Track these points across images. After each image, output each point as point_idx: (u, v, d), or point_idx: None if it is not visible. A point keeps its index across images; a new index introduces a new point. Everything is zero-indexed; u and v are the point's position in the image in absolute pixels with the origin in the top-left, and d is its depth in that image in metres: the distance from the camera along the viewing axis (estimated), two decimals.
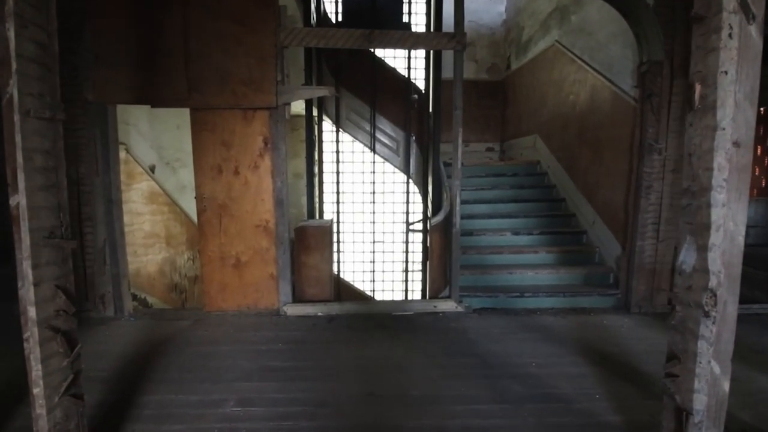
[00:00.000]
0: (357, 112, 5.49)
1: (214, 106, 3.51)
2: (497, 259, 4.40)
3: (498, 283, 4.15)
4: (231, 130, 3.57)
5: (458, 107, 3.59)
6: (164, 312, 4.08)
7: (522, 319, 3.66)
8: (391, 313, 3.72)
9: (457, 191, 3.61)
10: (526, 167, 5.83)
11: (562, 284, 4.17)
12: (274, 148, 3.59)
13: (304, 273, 3.80)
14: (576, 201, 4.91)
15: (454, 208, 3.65)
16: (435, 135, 4.21)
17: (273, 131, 3.57)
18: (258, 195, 3.64)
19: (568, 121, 5.13)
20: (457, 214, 3.64)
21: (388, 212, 7.91)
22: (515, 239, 4.65)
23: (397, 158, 5.69)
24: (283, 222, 3.65)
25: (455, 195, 3.61)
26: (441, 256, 3.78)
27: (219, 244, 3.68)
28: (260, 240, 3.69)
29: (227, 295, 3.75)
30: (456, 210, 3.63)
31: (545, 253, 4.43)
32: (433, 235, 3.73)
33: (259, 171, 3.62)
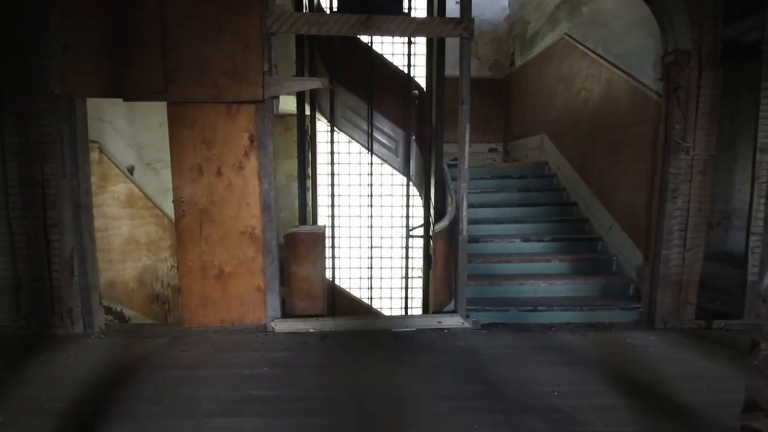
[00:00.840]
0: (353, 109, 5.14)
1: (193, 99, 3.15)
2: (506, 268, 4.04)
3: (508, 295, 3.79)
4: (213, 127, 3.21)
5: (465, 101, 3.24)
6: (140, 328, 3.70)
7: (537, 337, 3.29)
8: (391, 329, 3.36)
9: (464, 194, 3.25)
10: (533, 169, 5.48)
11: (578, 296, 3.81)
12: (261, 146, 3.22)
13: (294, 285, 3.43)
14: (590, 205, 4.56)
15: (460, 213, 3.29)
16: (437, 134, 3.85)
17: (259, 127, 3.21)
18: (243, 198, 3.28)
19: (580, 119, 4.79)
20: (463, 219, 3.28)
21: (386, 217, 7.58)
22: (525, 246, 4.29)
23: (397, 159, 5.34)
24: (271, 228, 3.29)
25: (462, 198, 3.26)
26: (445, 266, 3.43)
27: (200, 253, 3.31)
28: (245, 248, 3.32)
29: (209, 309, 3.38)
30: (463, 215, 3.27)
31: (558, 262, 4.07)
32: (437, 243, 3.38)
33: (244, 172, 3.26)
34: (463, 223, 3.28)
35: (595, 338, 3.30)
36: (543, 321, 3.59)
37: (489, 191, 4.99)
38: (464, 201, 3.25)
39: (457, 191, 3.40)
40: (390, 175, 7.49)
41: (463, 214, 3.27)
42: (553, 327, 3.50)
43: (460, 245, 3.31)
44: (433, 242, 3.42)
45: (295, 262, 3.41)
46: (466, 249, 3.33)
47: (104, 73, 3.12)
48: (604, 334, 3.40)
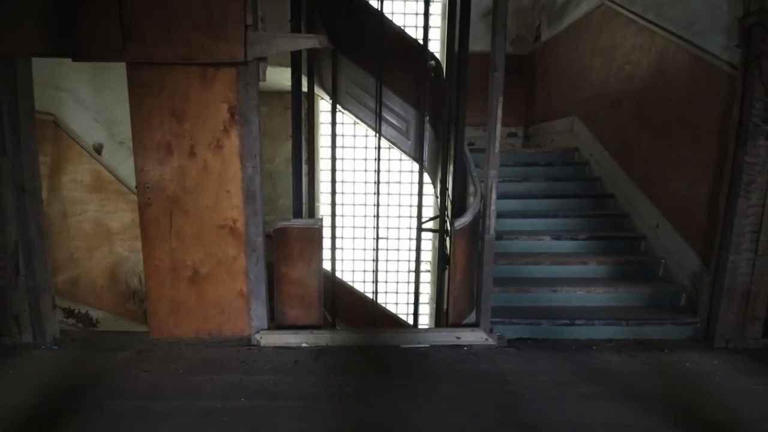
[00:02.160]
0: (359, 84, 4.51)
1: (158, 59, 2.53)
2: (535, 271, 3.44)
3: (538, 304, 3.20)
4: (183, 95, 2.60)
5: (498, 67, 2.60)
6: (102, 337, 3.16)
7: (577, 359, 2.71)
8: (400, 345, 2.79)
9: (494, 184, 2.64)
10: (561, 155, 4.83)
11: (621, 307, 3.22)
12: (244, 120, 2.61)
13: (284, 290, 2.86)
14: (631, 198, 3.93)
15: (487, 207, 2.68)
16: (458, 112, 3.22)
17: (242, 97, 2.59)
18: (222, 185, 2.68)
19: (622, 98, 4.12)
20: (491, 214, 2.67)
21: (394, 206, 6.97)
22: (556, 245, 3.68)
23: (407, 142, 4.72)
24: (256, 222, 2.70)
25: (490, 189, 2.64)
26: (466, 270, 2.84)
27: (169, 250, 2.73)
28: (225, 245, 2.74)
29: (181, 317, 2.82)
30: (490, 209, 2.66)
31: (596, 264, 3.47)
32: (457, 242, 2.78)
33: (222, 152, 2.65)
34: (490, 219, 2.67)
35: (646, 361, 2.72)
36: (581, 336, 3.00)
37: (512, 180, 4.36)
38: (493, 192, 2.64)
39: (483, 180, 2.78)
40: (399, 160, 6.86)
41: (491, 209, 2.66)
42: (593, 345, 2.91)
43: (485, 246, 2.72)
44: (451, 241, 2.82)
45: (286, 263, 2.83)
46: (493, 250, 2.73)
47: (49, 26, 2.50)
48: (656, 355, 2.81)
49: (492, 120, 2.60)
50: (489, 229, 2.67)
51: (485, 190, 2.72)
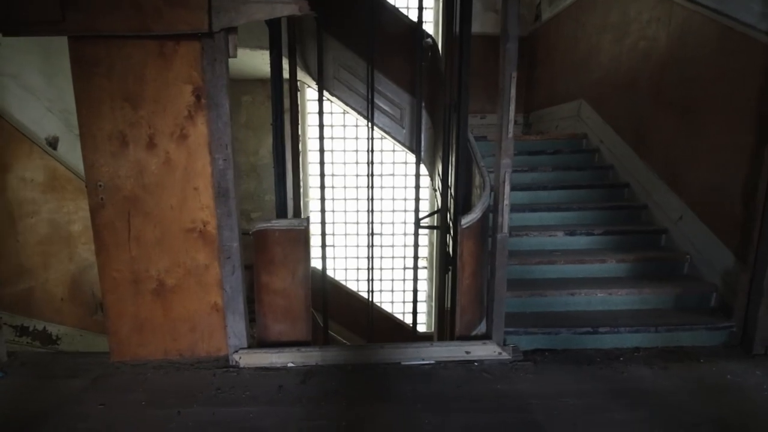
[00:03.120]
0: (348, 68, 4.10)
1: (105, 31, 2.10)
2: (549, 271, 3.08)
3: (554, 309, 2.86)
4: (138, 75, 2.17)
5: (511, 38, 2.22)
6: (56, 360, 2.74)
7: (604, 374, 2.37)
8: (400, 362, 2.42)
9: (507, 175, 2.26)
10: (568, 142, 4.47)
11: (646, 310, 2.88)
12: (212, 104, 2.20)
13: (266, 301, 2.47)
14: (648, 186, 3.58)
15: (500, 202, 2.30)
16: (461, 94, 2.83)
17: (208, 76, 2.17)
18: (188, 181, 2.27)
19: (637, 78, 3.75)
20: (504, 210, 2.30)
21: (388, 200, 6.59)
22: (570, 241, 3.33)
23: (402, 131, 4.34)
24: (230, 224, 2.30)
25: (503, 181, 2.26)
26: (475, 274, 2.47)
27: (129, 260, 2.32)
28: (194, 252, 2.34)
29: (146, 336, 2.42)
30: (504, 205, 2.29)
31: (616, 263, 3.12)
32: (464, 242, 2.41)
33: (188, 143, 2.24)
34: (503, 215, 2.30)
35: (682, 375, 2.38)
36: (604, 346, 2.66)
37: (518, 170, 3.98)
38: (506, 184, 2.26)
39: (493, 171, 2.40)
40: (392, 151, 6.46)
41: (504, 203, 2.28)
42: (620, 356, 2.57)
43: (498, 246, 2.34)
44: (457, 240, 2.44)
45: (267, 270, 2.43)
46: (506, 251, 2.37)
47: None
48: (691, 366, 2.48)
49: (504, 100, 2.21)
50: (502, 226, 2.30)
51: (496, 182, 2.34)
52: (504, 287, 2.40)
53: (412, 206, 6.40)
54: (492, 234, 2.39)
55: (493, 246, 2.39)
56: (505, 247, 2.34)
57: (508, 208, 2.29)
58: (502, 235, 2.32)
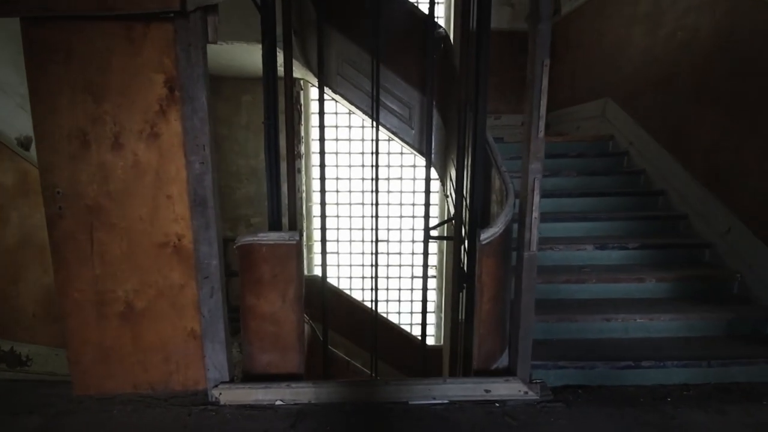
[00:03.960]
0: (353, 63, 3.78)
1: (63, 12, 1.78)
2: (579, 291, 2.70)
3: (587, 336, 2.47)
4: (102, 64, 1.85)
5: (543, 18, 1.85)
6: (13, 389, 2.42)
7: (650, 419, 1.98)
8: (408, 401, 2.06)
9: (537, 182, 1.89)
10: (593, 145, 4.08)
11: (693, 338, 2.48)
12: (187, 98, 1.86)
13: (252, 327, 2.13)
14: (688, 194, 3.19)
15: (527, 214, 1.93)
16: (478, 92, 2.47)
17: (183, 65, 1.84)
18: (160, 188, 1.94)
19: (674, 73, 3.36)
20: (533, 224, 1.93)
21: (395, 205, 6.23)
22: (601, 256, 2.94)
23: (411, 131, 4.00)
24: (209, 237, 1.96)
25: (532, 189, 1.89)
26: (496, 298, 2.10)
27: (92, 278, 2.00)
28: (168, 270, 2.01)
29: (113, 366, 2.09)
30: (532, 218, 1.92)
31: (655, 282, 2.73)
32: (484, 261, 2.05)
33: (159, 143, 1.91)
34: (531, 230, 1.93)
35: (743, 419, 1.98)
36: (647, 382, 2.27)
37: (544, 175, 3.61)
38: (536, 193, 1.89)
39: (523, 177, 2.03)
40: (399, 153, 6.10)
41: (532, 216, 1.91)
42: (667, 395, 2.18)
43: (525, 266, 1.97)
44: (476, 259, 2.08)
45: (254, 292, 2.09)
46: (535, 272, 1.99)
47: None
48: (753, 410, 2.07)
49: (534, 93, 1.85)
50: (530, 243, 1.93)
51: (523, 190, 1.98)
52: (532, 314, 2.02)
53: (420, 212, 6.06)
54: (517, 252, 2.02)
55: (518, 266, 2.02)
56: (534, 267, 1.97)
57: (537, 221, 1.92)
58: (529, 254, 1.95)
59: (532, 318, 2.03)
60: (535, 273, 1.98)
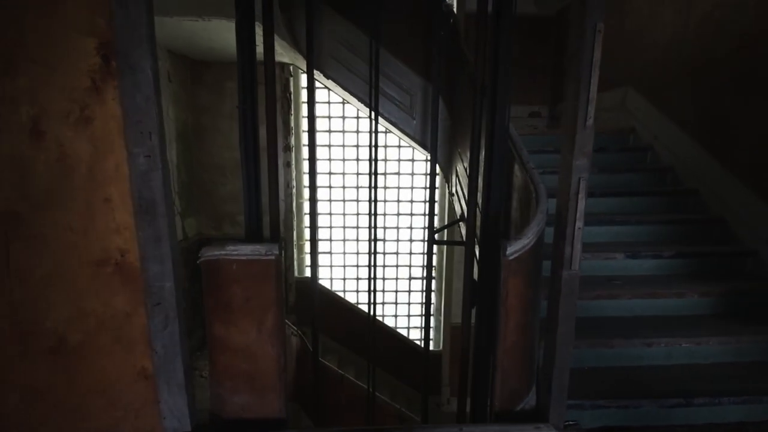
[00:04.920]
0: (348, 44, 3.35)
1: None
2: (611, 308, 2.32)
3: (624, 364, 2.09)
4: (11, 23, 1.39)
5: None
6: None
7: None
8: None
9: (582, 183, 1.48)
10: (613, 138, 3.69)
11: (744, 364, 2.12)
12: (128, 69, 1.41)
13: (221, 362, 1.70)
14: (726, 195, 2.81)
15: (568, 225, 1.52)
16: (500, 68, 2.04)
17: (120, 25, 1.39)
18: (95, 189, 1.49)
19: (710, 58, 2.97)
20: (575, 237, 1.52)
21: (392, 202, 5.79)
22: (633, 266, 2.56)
23: (412, 121, 3.59)
24: (161, 253, 1.52)
25: (576, 192, 1.48)
26: (524, 325, 1.71)
27: (10, 305, 1.55)
28: (108, 295, 1.56)
29: (43, 414, 1.65)
30: (575, 228, 1.51)
31: (698, 297, 2.35)
32: (510, 280, 1.64)
33: (92, 129, 1.46)
34: (574, 243, 1.52)
35: None
36: (700, 420, 1.90)
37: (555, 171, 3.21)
38: (581, 198, 1.48)
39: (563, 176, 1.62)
40: (397, 146, 5.66)
41: (575, 227, 1.50)
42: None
43: (564, 289, 1.57)
44: (501, 278, 1.66)
45: (222, 319, 1.66)
46: (576, 296, 1.59)
47: None
48: None
49: (582, 67, 1.43)
50: (571, 260, 1.53)
51: (561, 194, 1.57)
52: (569, 348, 1.62)
53: (419, 209, 5.64)
54: (553, 270, 1.61)
55: (554, 288, 1.61)
56: (575, 290, 1.57)
57: (581, 233, 1.51)
58: (570, 274, 1.54)
59: (569, 352, 1.63)
60: (575, 297, 1.58)
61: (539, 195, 1.72)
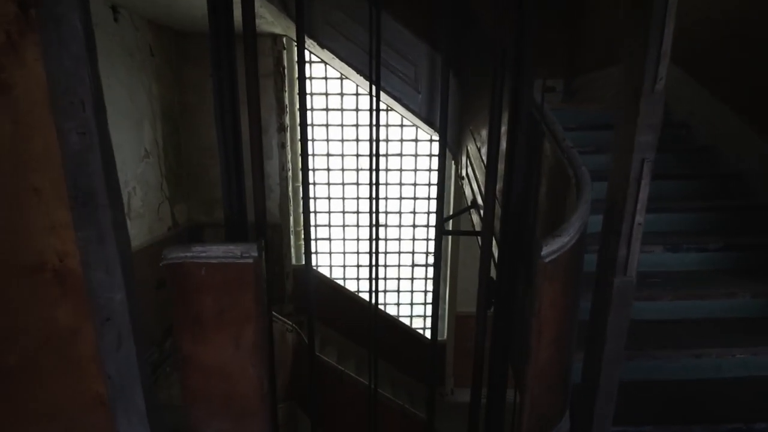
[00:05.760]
0: (344, 7, 2.98)
1: None
2: (650, 311, 2.01)
3: (667, 376, 1.80)
4: None
5: None
6: None
7: None
8: None
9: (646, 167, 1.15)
10: None
11: None
12: (50, 20, 1.07)
13: (192, 383, 1.41)
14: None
15: (624, 220, 1.20)
16: (524, 34, 1.67)
17: None
18: (19, 176, 1.17)
19: (760, 21, 2.58)
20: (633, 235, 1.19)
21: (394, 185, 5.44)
22: (673, 261, 2.23)
23: (416, 95, 3.25)
24: (106, 256, 1.20)
25: (638, 178, 1.15)
26: (559, 340, 1.41)
27: None
28: (47, 307, 1.26)
29: None
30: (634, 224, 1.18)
31: (750, 297, 2.03)
32: (545, 288, 1.33)
33: (11, 99, 1.12)
34: (631, 244, 1.20)
35: None
36: None
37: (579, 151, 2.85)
38: (644, 185, 1.15)
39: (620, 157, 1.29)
40: (400, 125, 5.28)
41: (635, 221, 1.18)
42: None
43: (615, 299, 1.25)
44: (535, 285, 1.35)
45: (191, 333, 1.36)
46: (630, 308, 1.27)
47: None
48: None
49: (657, 11, 1.08)
50: (626, 265, 1.21)
51: (620, 179, 1.23)
52: (617, 371, 1.32)
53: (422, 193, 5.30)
54: (601, 276, 1.29)
55: (600, 297, 1.30)
56: (630, 301, 1.25)
57: (641, 230, 1.19)
58: (623, 282, 1.23)
59: (617, 375, 1.33)
60: (629, 310, 1.26)
61: (581, 181, 1.39)
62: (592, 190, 1.36)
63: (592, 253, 1.70)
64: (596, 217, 1.62)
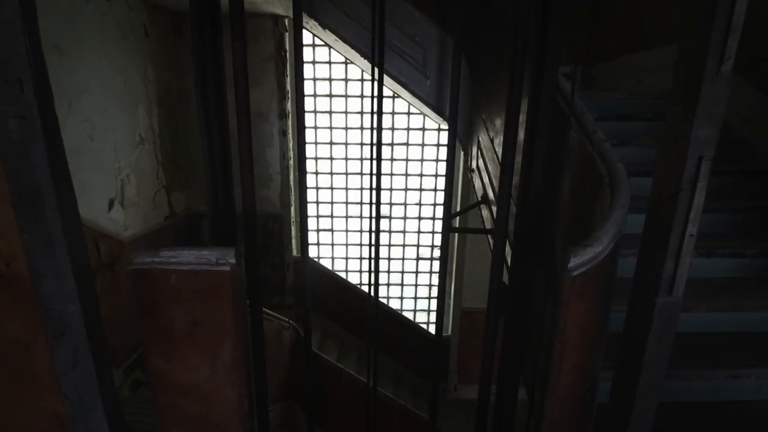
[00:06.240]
0: None
1: None
2: (681, 324, 1.80)
3: (702, 399, 1.60)
4: None
5: None
6: None
7: None
8: None
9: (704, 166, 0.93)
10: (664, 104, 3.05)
11: None
12: None
13: (164, 402, 1.25)
14: None
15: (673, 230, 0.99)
16: (549, 13, 1.45)
17: None
18: None
19: None
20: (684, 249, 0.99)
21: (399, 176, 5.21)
22: (706, 267, 2.02)
23: (425, 81, 3.05)
24: (56, 261, 1.03)
25: (694, 179, 0.94)
26: (584, 364, 1.22)
27: None
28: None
29: None
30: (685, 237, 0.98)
31: None
32: (572, 305, 1.14)
33: None
34: (680, 258, 0.99)
35: None
36: None
37: None
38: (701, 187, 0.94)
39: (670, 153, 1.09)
40: (406, 113, 5.04)
41: (687, 233, 0.97)
42: None
43: (656, 322, 1.05)
44: (561, 301, 1.16)
45: (161, 349, 1.19)
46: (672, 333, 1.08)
47: None
48: None
49: None
50: (673, 282, 1.00)
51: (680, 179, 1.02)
52: (654, 403, 1.13)
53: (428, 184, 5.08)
54: (641, 295, 1.09)
55: (640, 320, 1.10)
56: (673, 325, 1.06)
57: (693, 242, 0.98)
58: (668, 302, 1.03)
59: (654, 407, 1.14)
60: (672, 335, 1.07)
61: (616, 180, 1.18)
62: (630, 192, 1.15)
63: (622, 257, 1.51)
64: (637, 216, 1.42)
